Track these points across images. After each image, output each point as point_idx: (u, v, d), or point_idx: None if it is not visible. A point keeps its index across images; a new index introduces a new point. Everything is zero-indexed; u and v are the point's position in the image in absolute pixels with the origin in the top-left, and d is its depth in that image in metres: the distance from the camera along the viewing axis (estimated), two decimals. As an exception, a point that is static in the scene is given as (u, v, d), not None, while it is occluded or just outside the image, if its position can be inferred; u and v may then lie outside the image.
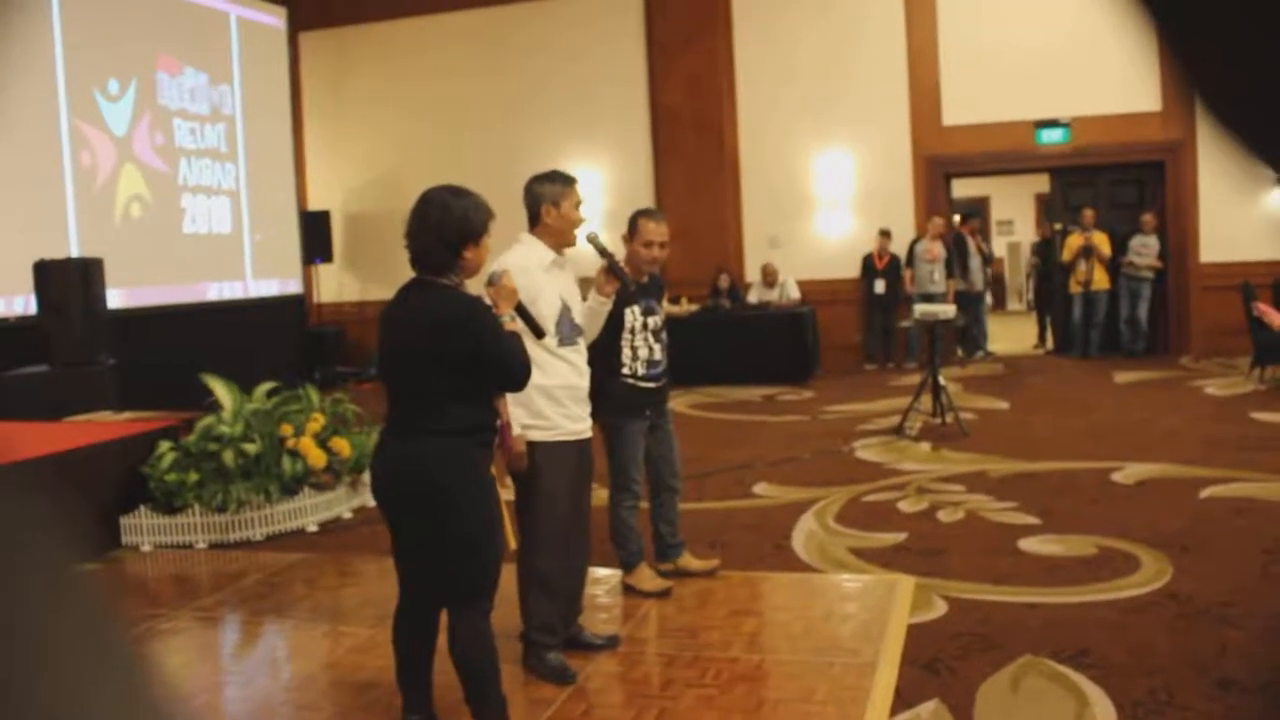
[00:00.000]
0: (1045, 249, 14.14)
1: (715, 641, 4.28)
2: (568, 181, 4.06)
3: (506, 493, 3.59)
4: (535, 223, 4.03)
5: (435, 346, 3.11)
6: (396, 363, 3.22)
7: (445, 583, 3.20)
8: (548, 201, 3.99)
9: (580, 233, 4.13)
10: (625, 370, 4.67)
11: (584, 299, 4.14)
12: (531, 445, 3.88)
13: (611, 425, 4.66)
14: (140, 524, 6.17)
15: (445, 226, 3.16)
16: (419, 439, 3.13)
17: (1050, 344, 13.80)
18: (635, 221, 4.72)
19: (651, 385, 4.76)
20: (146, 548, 6.14)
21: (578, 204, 4.06)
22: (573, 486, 4.03)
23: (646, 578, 4.89)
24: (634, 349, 4.68)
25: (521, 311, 3.44)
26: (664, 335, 4.83)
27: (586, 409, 4.09)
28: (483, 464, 3.20)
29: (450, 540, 3.13)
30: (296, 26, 14.33)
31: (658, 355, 4.77)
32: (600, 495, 4.66)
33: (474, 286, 3.37)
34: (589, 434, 4.13)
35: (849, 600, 4.75)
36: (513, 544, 3.77)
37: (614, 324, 4.47)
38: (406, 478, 3.13)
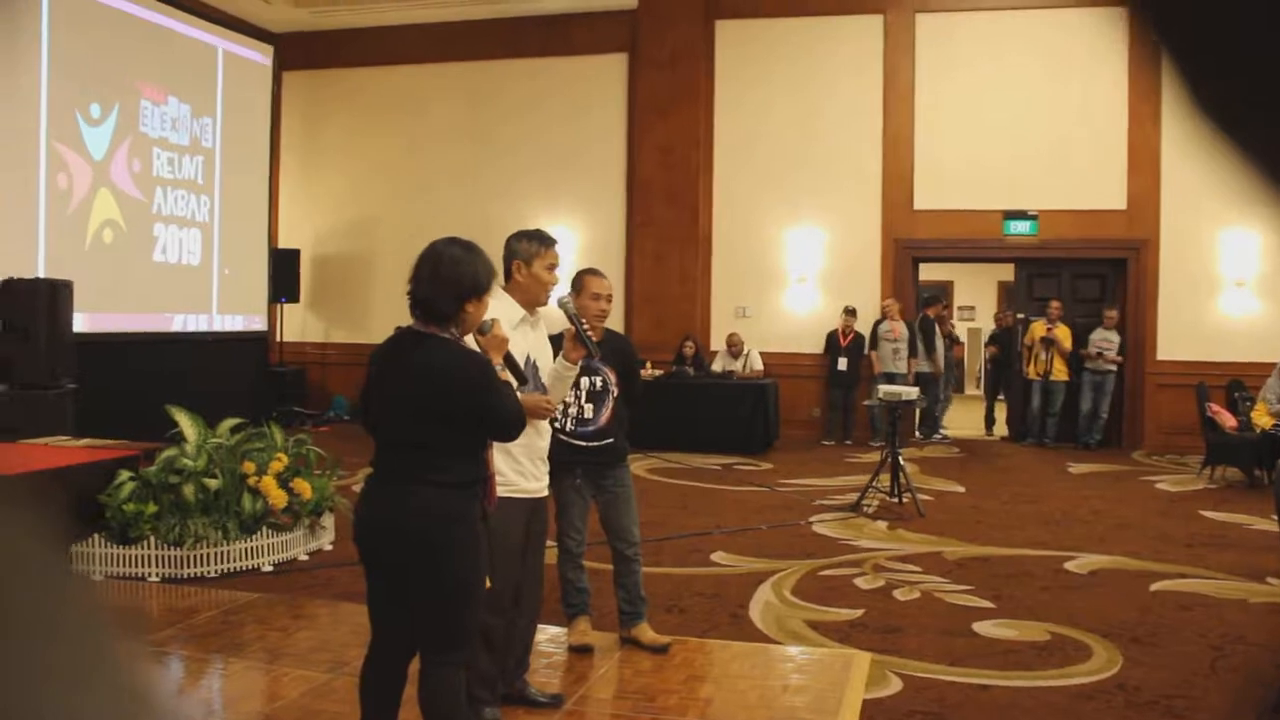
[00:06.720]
0: (1006, 337, 14.35)
1: (672, 706, 4.28)
2: (545, 242, 4.03)
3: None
4: (507, 278, 4.01)
5: (441, 402, 3.10)
6: (391, 411, 3.19)
7: (428, 632, 3.17)
8: (520, 258, 3.99)
9: (554, 295, 4.14)
10: (556, 424, 4.67)
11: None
12: None
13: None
14: (93, 553, 6.09)
15: (457, 280, 3.17)
16: (416, 489, 3.09)
17: (1003, 430, 13.96)
18: (581, 278, 4.69)
19: (581, 443, 4.76)
20: (97, 577, 6.05)
21: (551, 266, 4.02)
22: (524, 544, 4.00)
23: (577, 632, 4.93)
24: (565, 403, 4.67)
25: (509, 360, 3.47)
26: (608, 399, 4.79)
27: (544, 468, 4.07)
28: (477, 515, 3.20)
29: (442, 590, 3.11)
30: (281, 65, 14.42)
31: (589, 414, 4.77)
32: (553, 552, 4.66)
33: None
34: (545, 493, 4.10)
35: (805, 672, 4.77)
36: None
37: None
38: (403, 527, 3.08)
